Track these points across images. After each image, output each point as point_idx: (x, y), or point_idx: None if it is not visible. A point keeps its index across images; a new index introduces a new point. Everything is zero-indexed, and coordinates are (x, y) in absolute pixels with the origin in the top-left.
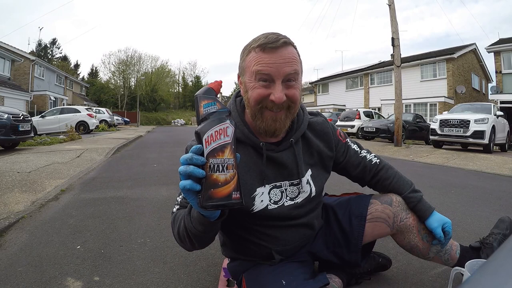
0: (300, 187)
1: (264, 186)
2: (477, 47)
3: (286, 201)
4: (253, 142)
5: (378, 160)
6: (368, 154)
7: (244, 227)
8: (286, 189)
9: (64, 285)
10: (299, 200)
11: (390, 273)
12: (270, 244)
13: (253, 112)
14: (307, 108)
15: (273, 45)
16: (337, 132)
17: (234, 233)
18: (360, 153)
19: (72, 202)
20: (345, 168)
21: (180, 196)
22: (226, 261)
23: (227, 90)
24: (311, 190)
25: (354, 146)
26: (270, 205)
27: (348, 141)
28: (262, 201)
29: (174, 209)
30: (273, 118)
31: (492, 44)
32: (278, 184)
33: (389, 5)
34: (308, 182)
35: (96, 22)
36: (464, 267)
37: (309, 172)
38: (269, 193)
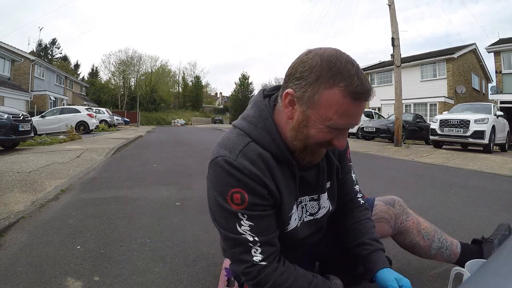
0: (320, 203)
1: (298, 204)
2: (477, 47)
3: (306, 217)
4: (288, 161)
5: (363, 202)
6: (359, 192)
7: None
8: (306, 204)
9: (64, 285)
10: (318, 216)
11: None
12: None
13: (302, 145)
14: None
15: (365, 96)
16: (347, 151)
17: None
18: (355, 187)
19: (72, 202)
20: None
21: (259, 239)
22: (226, 261)
23: (227, 90)
24: (329, 205)
25: (354, 175)
26: (298, 222)
27: (351, 165)
28: (295, 219)
29: (256, 259)
30: (320, 155)
31: (492, 44)
32: (299, 200)
33: (389, 5)
34: (328, 198)
35: (96, 22)
36: (464, 267)
37: (328, 185)
38: (297, 210)
